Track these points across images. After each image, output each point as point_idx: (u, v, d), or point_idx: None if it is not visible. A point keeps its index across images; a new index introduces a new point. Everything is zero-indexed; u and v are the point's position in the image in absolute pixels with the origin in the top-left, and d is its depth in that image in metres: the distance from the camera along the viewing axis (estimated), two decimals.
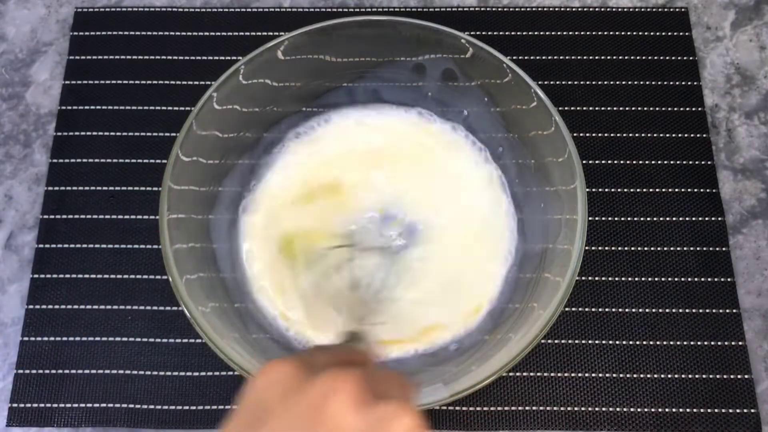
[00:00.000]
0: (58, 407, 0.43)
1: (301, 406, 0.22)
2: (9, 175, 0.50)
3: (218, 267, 0.43)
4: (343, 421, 0.21)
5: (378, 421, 0.22)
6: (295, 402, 0.22)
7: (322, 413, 0.21)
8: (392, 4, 0.55)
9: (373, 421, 0.22)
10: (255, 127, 0.46)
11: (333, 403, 0.22)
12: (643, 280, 0.46)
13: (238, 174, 0.46)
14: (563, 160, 0.40)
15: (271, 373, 0.24)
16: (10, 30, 0.55)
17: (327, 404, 0.22)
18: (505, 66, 0.42)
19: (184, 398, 0.43)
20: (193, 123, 0.40)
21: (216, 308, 0.40)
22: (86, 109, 0.51)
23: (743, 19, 0.55)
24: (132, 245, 0.47)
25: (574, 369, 0.44)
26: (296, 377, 0.23)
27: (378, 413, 0.22)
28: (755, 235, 0.48)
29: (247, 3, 0.55)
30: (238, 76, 0.42)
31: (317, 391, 0.22)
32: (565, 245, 0.39)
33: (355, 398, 0.22)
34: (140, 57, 0.53)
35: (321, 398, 0.22)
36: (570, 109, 0.51)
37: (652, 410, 0.43)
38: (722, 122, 0.51)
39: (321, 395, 0.22)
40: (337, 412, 0.21)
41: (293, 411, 0.22)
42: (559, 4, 0.55)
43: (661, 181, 0.49)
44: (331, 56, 0.45)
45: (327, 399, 0.22)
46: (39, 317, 0.46)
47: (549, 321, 0.36)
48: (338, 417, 0.21)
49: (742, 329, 0.45)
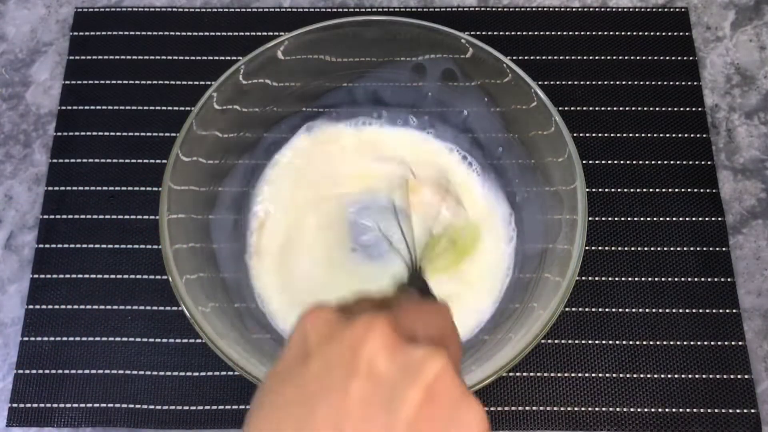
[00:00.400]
0: (58, 407, 0.43)
1: (335, 351, 0.23)
2: (9, 175, 0.50)
3: (218, 267, 0.43)
4: (376, 366, 0.22)
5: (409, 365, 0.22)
6: (330, 347, 0.23)
7: (356, 358, 0.22)
8: (392, 4, 0.55)
9: (403, 366, 0.22)
10: (255, 127, 0.46)
11: (366, 348, 0.22)
12: (643, 280, 0.46)
13: (238, 174, 0.46)
14: (563, 160, 0.40)
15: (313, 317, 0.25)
16: (10, 30, 0.55)
17: (360, 349, 0.22)
18: (505, 66, 0.42)
19: (184, 398, 0.43)
20: (193, 123, 0.40)
21: (216, 308, 0.40)
22: (86, 109, 0.51)
23: (743, 19, 0.55)
24: (132, 245, 0.47)
25: (574, 369, 0.44)
26: (334, 322, 0.24)
27: (409, 357, 0.23)
28: (755, 235, 0.48)
29: (247, 3, 0.55)
30: (238, 76, 0.42)
31: (352, 335, 0.23)
32: (565, 245, 0.39)
33: (387, 343, 0.23)
34: (140, 57, 0.53)
35: (355, 343, 0.23)
36: (570, 109, 0.51)
37: (652, 410, 0.43)
38: (722, 122, 0.51)
39: (355, 339, 0.23)
40: (370, 356, 0.22)
41: (329, 355, 0.23)
42: (559, 4, 0.55)
43: (661, 181, 0.49)
44: (331, 56, 0.45)
45: (361, 344, 0.23)
46: (39, 317, 0.46)
47: (549, 321, 0.36)
48: (371, 361, 0.22)
49: (742, 329, 0.45)
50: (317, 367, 0.23)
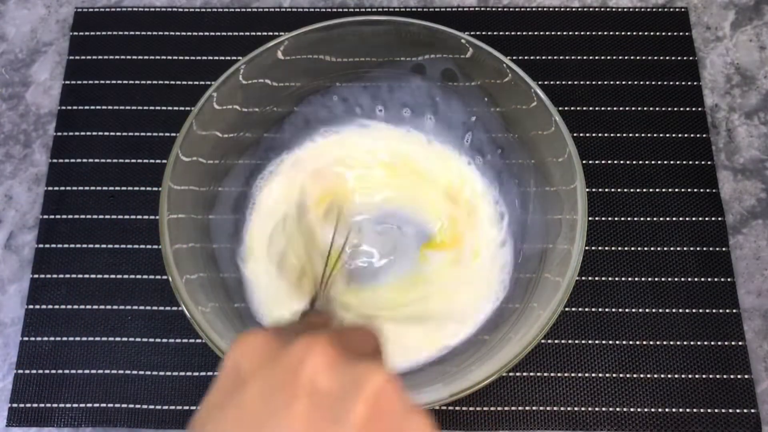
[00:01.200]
0: (58, 407, 0.43)
1: (276, 372, 0.22)
2: (9, 175, 0.50)
3: (218, 267, 0.43)
4: (318, 384, 0.22)
5: (351, 382, 0.22)
6: (270, 369, 0.23)
7: (297, 377, 0.22)
8: (392, 4, 0.55)
9: (346, 381, 0.22)
10: (255, 127, 0.46)
11: (307, 366, 0.22)
12: (643, 280, 0.46)
13: (238, 174, 0.46)
14: (563, 160, 0.40)
15: (245, 344, 0.24)
16: (10, 30, 0.55)
17: (302, 368, 0.22)
18: (505, 66, 0.42)
19: (184, 398, 0.43)
20: (193, 123, 0.40)
21: (216, 308, 0.40)
22: (86, 109, 0.51)
23: (743, 19, 0.55)
24: (132, 245, 0.47)
25: (574, 369, 0.44)
26: (270, 346, 0.24)
27: (351, 373, 0.22)
28: (755, 235, 0.48)
29: (247, 3, 0.55)
30: (238, 76, 0.42)
31: (291, 356, 0.23)
32: (565, 245, 0.39)
33: (328, 361, 0.22)
34: (140, 57, 0.53)
35: (295, 363, 0.22)
36: (570, 109, 0.51)
37: (652, 410, 0.43)
38: (722, 122, 0.51)
39: (295, 360, 0.22)
40: (311, 375, 0.22)
41: (269, 378, 0.22)
42: (559, 4, 0.55)
43: (661, 181, 0.49)
44: (331, 56, 0.45)
45: (301, 363, 0.22)
46: (39, 317, 0.46)
47: (549, 321, 0.36)
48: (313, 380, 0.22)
49: (742, 329, 0.45)
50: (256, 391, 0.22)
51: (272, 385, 0.22)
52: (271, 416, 0.21)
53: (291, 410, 0.21)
